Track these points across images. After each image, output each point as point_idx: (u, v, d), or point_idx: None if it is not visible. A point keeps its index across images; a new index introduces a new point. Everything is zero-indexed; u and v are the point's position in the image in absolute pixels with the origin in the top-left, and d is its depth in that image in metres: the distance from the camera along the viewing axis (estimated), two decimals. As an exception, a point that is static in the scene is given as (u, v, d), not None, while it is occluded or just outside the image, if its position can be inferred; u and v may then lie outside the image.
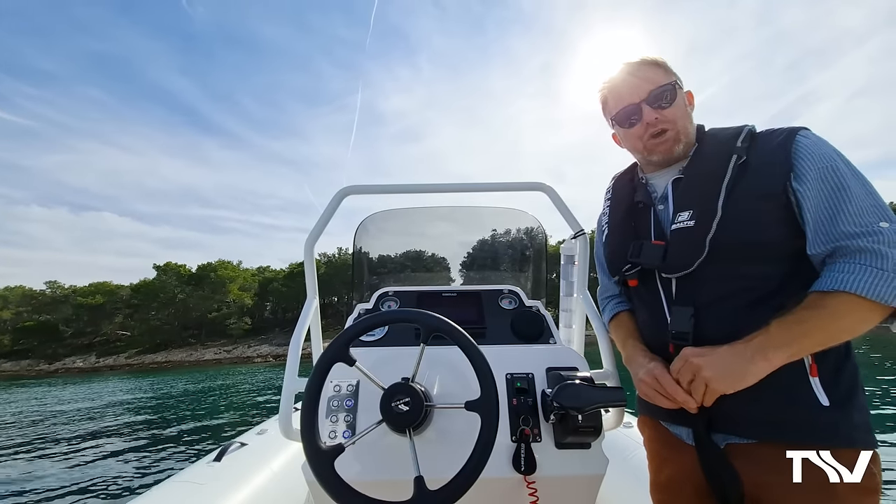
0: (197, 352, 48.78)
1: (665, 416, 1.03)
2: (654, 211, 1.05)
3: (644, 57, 1.04)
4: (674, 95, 0.99)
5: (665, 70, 1.02)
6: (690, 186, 0.97)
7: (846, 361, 0.85)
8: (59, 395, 18.45)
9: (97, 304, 56.06)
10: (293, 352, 1.16)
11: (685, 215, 0.94)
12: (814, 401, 0.81)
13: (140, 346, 51.54)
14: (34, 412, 12.04)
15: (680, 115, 1.01)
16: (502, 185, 1.46)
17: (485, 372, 0.85)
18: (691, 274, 0.92)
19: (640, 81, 1.01)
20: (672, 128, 1.00)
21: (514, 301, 1.49)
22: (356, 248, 1.76)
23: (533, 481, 0.92)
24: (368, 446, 0.95)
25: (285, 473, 1.81)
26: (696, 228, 0.91)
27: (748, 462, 0.86)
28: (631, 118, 1.03)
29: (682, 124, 1.01)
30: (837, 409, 0.81)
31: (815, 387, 0.81)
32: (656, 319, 1.00)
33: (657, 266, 0.98)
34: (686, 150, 1.03)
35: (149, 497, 1.46)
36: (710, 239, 0.89)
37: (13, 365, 50.74)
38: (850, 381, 0.84)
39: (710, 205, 0.90)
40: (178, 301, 53.58)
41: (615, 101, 1.06)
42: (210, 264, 57.04)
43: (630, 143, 1.09)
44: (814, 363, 0.82)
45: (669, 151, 1.01)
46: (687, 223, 0.93)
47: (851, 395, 0.83)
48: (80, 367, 48.14)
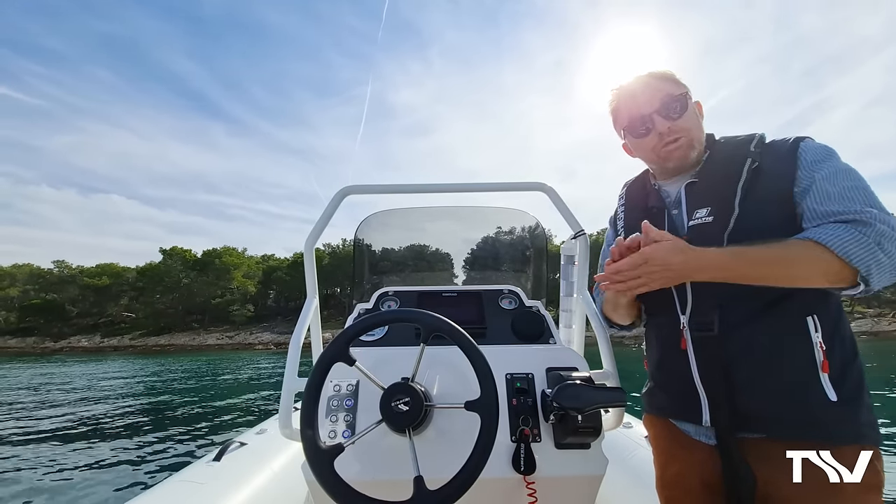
0: (200, 336, 49.38)
1: (674, 413, 1.04)
2: (669, 214, 1.06)
3: (653, 70, 1.06)
4: (685, 106, 1.01)
5: (675, 82, 1.04)
6: (706, 188, 0.99)
7: (853, 360, 0.87)
8: (66, 372, 18.70)
9: (103, 286, 56.74)
10: (293, 351, 1.16)
11: (703, 212, 0.97)
12: (823, 396, 0.83)
13: (144, 329, 52.24)
14: (34, 397, 12.19)
15: (692, 125, 1.02)
16: (503, 185, 1.45)
17: (485, 372, 0.85)
18: None
19: (652, 92, 1.02)
20: (685, 135, 1.01)
21: (515, 301, 1.49)
22: (356, 247, 1.76)
23: (532, 481, 0.92)
24: (368, 446, 0.95)
25: (285, 473, 1.81)
26: (715, 224, 0.93)
27: (759, 459, 0.87)
28: (643, 128, 1.04)
29: (695, 133, 1.03)
30: (845, 406, 0.83)
31: (824, 383, 0.83)
32: (669, 314, 1.02)
33: None
34: (699, 157, 1.04)
35: (149, 497, 1.46)
36: (728, 234, 0.91)
37: (19, 342, 51.65)
38: (857, 380, 0.86)
39: (728, 203, 0.92)
40: (182, 286, 54.09)
41: (627, 111, 1.07)
42: (215, 250, 57.48)
43: (643, 153, 1.10)
44: (825, 359, 0.84)
45: (685, 157, 1.03)
46: (705, 219, 0.95)
47: (858, 393, 0.85)
48: (85, 346, 48.94)
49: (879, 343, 29.30)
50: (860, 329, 39.20)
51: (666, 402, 1.06)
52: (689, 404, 0.96)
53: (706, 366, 0.93)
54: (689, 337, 0.96)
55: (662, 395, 1.07)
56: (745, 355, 0.89)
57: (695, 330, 0.95)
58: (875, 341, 32.46)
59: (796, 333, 0.86)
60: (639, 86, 1.05)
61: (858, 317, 42.66)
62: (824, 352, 0.84)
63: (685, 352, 0.96)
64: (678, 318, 0.99)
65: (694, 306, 0.96)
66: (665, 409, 1.06)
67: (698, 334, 0.95)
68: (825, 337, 0.85)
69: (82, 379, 16.26)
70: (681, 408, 0.99)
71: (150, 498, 1.46)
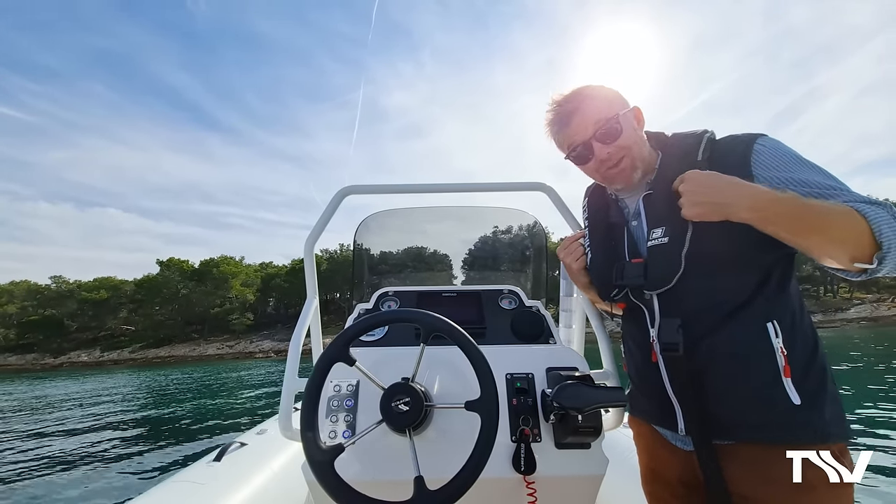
0: (200, 347, 49.17)
1: (654, 419, 1.06)
2: (629, 228, 1.07)
3: (581, 89, 1.02)
4: (620, 128, 0.98)
5: (607, 101, 1.00)
6: (660, 203, 0.99)
7: (814, 357, 0.87)
8: (61, 391, 18.57)
9: (102, 299, 56.55)
10: (293, 351, 1.16)
11: (658, 232, 0.97)
12: (786, 401, 0.84)
13: (144, 341, 52.00)
14: (36, 408, 12.15)
15: (632, 142, 1.00)
16: (502, 185, 1.46)
17: (485, 372, 0.85)
18: (672, 288, 0.95)
19: (583, 119, 1.00)
20: (627, 154, 1.00)
21: (514, 301, 1.49)
22: (356, 248, 1.76)
23: (533, 481, 0.92)
24: (368, 446, 0.95)
25: (285, 473, 1.81)
26: (670, 245, 0.94)
27: (732, 462, 0.89)
28: (584, 156, 1.03)
29: (637, 150, 1.01)
30: (809, 407, 0.83)
31: (787, 387, 0.84)
32: (640, 327, 1.04)
33: (640, 284, 1.00)
34: (646, 172, 1.04)
35: (149, 497, 1.46)
36: (685, 254, 0.92)
37: (18, 359, 51.34)
38: (820, 375, 0.86)
39: (680, 221, 0.91)
40: (180, 296, 53.98)
41: (565, 142, 1.05)
42: (212, 260, 57.38)
43: (589, 174, 1.10)
44: (787, 364, 0.84)
45: (628, 180, 1.03)
46: (661, 240, 0.96)
47: (822, 389, 0.86)
48: (85, 361, 48.64)
49: (880, 329, 29.34)
50: (859, 315, 39.28)
51: (646, 408, 1.08)
52: (665, 412, 0.98)
53: (676, 379, 0.95)
54: (659, 351, 0.98)
55: (643, 400, 1.09)
56: (711, 365, 0.90)
57: (662, 349, 0.97)
58: (875, 327, 32.53)
59: (757, 341, 0.87)
60: (571, 113, 1.01)
61: (857, 302, 42.83)
62: (785, 356, 0.84)
63: (656, 364, 0.98)
64: (648, 332, 1.00)
65: (660, 327, 0.97)
66: (645, 413, 1.09)
67: (666, 353, 0.96)
68: (786, 341, 0.85)
69: (82, 395, 16.17)
70: (658, 415, 1.02)
71: (150, 498, 1.45)
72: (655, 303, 0.99)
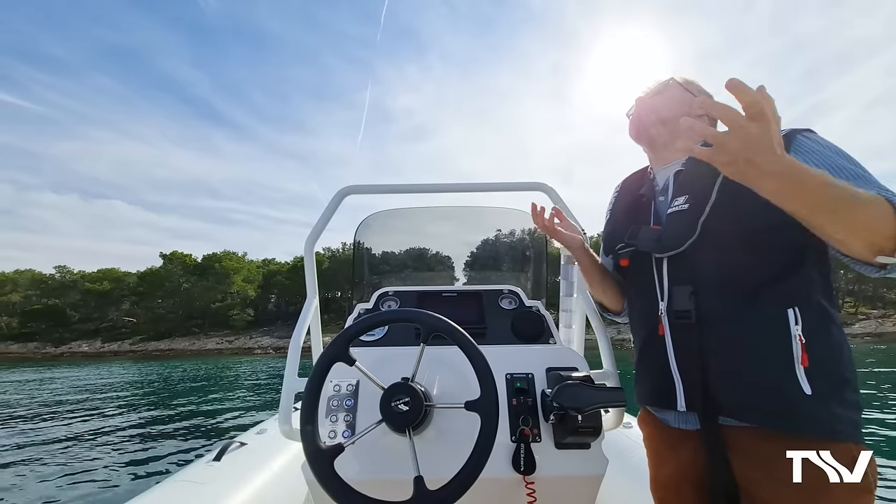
0: (199, 341, 49.31)
1: (652, 400, 1.05)
2: (655, 201, 1.08)
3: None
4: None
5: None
6: (690, 176, 1.00)
7: (838, 353, 0.84)
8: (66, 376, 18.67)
9: (104, 291, 56.73)
10: (293, 351, 1.16)
11: (681, 199, 0.97)
12: (797, 389, 0.81)
13: (145, 334, 52.18)
14: (32, 400, 12.18)
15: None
16: (503, 185, 1.46)
17: (485, 372, 0.85)
18: (683, 255, 0.94)
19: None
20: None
21: (515, 301, 1.49)
22: (356, 247, 1.77)
23: (532, 481, 0.92)
24: (368, 446, 0.95)
25: (285, 473, 1.81)
26: (689, 211, 0.94)
27: (735, 450, 0.87)
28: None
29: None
30: (820, 400, 0.81)
31: (800, 376, 0.81)
32: (648, 300, 1.02)
33: (652, 248, 1.00)
34: None
35: (148, 497, 1.46)
36: (702, 221, 0.91)
37: (20, 347, 51.64)
38: (839, 374, 0.84)
39: (706, 191, 0.91)
40: (182, 290, 54.10)
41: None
42: (215, 255, 57.50)
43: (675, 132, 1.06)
44: (804, 353, 0.82)
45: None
46: (682, 206, 0.96)
47: (838, 387, 0.83)
48: (86, 351, 48.88)
49: (887, 347, 29.04)
50: (864, 330, 39.03)
51: (646, 389, 1.07)
52: (665, 389, 0.96)
53: (682, 353, 0.93)
54: (667, 324, 0.97)
55: (642, 383, 1.08)
56: (722, 346, 0.89)
57: (672, 318, 0.95)
58: (880, 342, 32.24)
59: (775, 324, 0.85)
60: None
61: (862, 318, 42.54)
62: (803, 345, 0.82)
63: (662, 338, 0.97)
64: (657, 305, 0.99)
65: (671, 295, 0.97)
66: (644, 396, 1.08)
67: (676, 321, 0.95)
68: (806, 330, 0.83)
69: (83, 384, 16.23)
70: (657, 394, 0.99)
71: (150, 498, 1.45)
72: (665, 272, 0.98)
